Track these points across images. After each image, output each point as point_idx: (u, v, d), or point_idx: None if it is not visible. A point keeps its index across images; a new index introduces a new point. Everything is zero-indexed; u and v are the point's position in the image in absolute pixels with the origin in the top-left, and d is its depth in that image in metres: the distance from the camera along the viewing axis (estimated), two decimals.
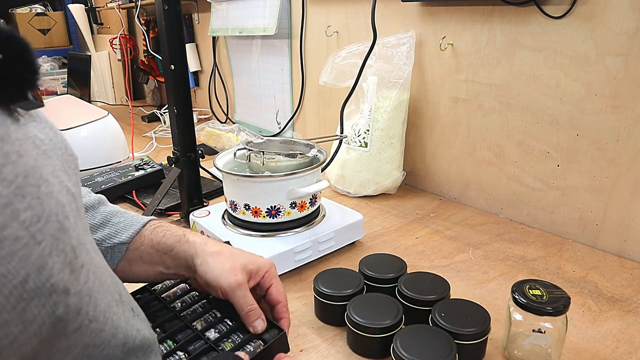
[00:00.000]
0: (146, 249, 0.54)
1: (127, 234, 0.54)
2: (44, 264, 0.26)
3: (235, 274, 0.51)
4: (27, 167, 0.27)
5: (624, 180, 0.75)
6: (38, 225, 0.26)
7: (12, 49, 0.27)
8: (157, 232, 0.55)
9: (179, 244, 0.54)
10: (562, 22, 0.77)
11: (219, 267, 0.51)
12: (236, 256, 0.53)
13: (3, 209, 0.24)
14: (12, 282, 0.24)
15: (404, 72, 0.98)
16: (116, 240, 0.54)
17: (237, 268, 0.51)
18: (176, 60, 0.84)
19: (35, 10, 2.68)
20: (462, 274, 0.73)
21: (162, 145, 1.51)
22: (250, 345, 0.52)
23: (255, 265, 0.53)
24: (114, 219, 0.56)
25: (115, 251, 0.54)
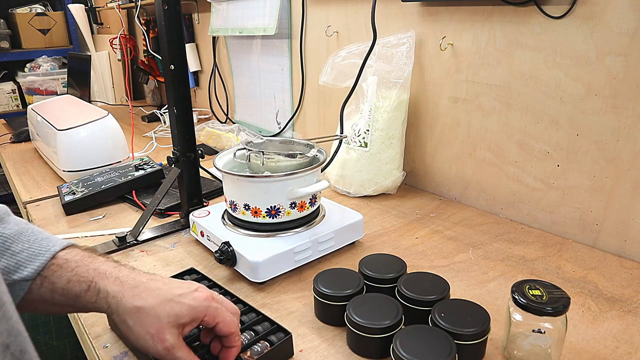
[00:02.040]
0: (47, 292, 0.46)
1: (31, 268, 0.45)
2: None
3: (162, 339, 0.44)
4: None
5: (624, 180, 0.75)
6: None
7: None
8: (61, 275, 0.46)
9: (87, 295, 0.46)
10: (562, 22, 0.77)
11: (142, 331, 0.44)
12: (162, 309, 0.45)
13: None
14: None
15: (404, 72, 0.98)
16: (16, 276, 0.45)
17: (164, 329, 0.44)
18: (176, 60, 0.84)
19: (35, 10, 2.68)
20: (462, 274, 0.73)
21: (162, 145, 1.51)
22: (258, 345, 0.53)
23: (189, 316, 0.46)
24: (14, 245, 0.46)
25: (16, 289, 0.45)
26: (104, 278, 0.46)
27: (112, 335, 0.61)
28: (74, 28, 2.72)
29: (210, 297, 0.48)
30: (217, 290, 0.65)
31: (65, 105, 1.44)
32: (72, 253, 0.49)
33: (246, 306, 0.60)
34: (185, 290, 0.48)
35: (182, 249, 0.83)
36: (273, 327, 0.56)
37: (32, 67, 2.67)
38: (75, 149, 1.17)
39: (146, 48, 1.87)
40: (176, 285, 0.48)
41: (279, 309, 0.66)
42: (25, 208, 1.09)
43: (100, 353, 0.58)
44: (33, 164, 1.38)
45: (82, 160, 1.17)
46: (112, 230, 0.91)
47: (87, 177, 1.12)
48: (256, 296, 0.69)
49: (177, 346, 0.45)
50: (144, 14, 2.14)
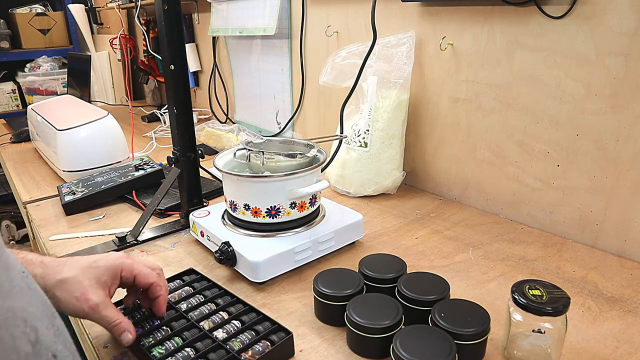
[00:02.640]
0: None
1: None
2: None
3: (87, 299, 0.48)
4: None
5: (624, 180, 0.75)
6: None
7: None
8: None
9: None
10: (562, 22, 0.77)
11: (68, 297, 0.48)
12: (82, 275, 0.50)
13: None
14: None
15: (404, 72, 0.98)
16: None
17: (87, 291, 0.49)
18: (176, 60, 0.84)
19: (35, 10, 2.68)
20: (462, 274, 0.73)
21: (162, 145, 1.51)
22: (259, 345, 0.53)
23: (107, 274, 0.51)
24: None
25: None
26: (30, 264, 0.50)
27: (112, 335, 0.61)
28: (74, 28, 2.72)
29: (124, 256, 0.54)
30: (217, 291, 0.64)
31: (65, 105, 1.44)
32: None
33: (246, 306, 0.60)
34: (99, 257, 0.53)
35: (182, 249, 0.83)
36: (274, 326, 0.56)
37: (32, 67, 2.67)
38: (75, 149, 1.17)
39: (146, 48, 1.87)
40: (92, 257, 0.53)
41: (279, 309, 0.66)
42: (25, 208, 1.09)
43: (100, 353, 0.58)
44: (33, 164, 1.38)
45: (82, 160, 1.17)
46: (112, 230, 0.91)
47: (87, 177, 1.12)
48: (256, 296, 0.69)
49: (102, 304, 0.49)
50: (144, 14, 2.14)
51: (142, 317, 0.58)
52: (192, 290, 0.65)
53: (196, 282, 0.67)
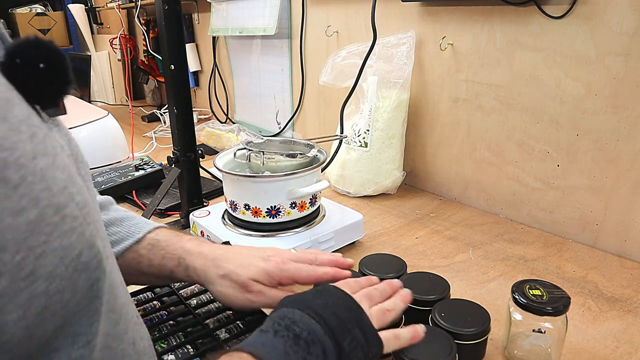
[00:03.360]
0: (145, 267, 0.53)
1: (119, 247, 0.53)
2: (94, 243, 0.29)
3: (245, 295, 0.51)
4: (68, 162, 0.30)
5: (624, 180, 0.75)
6: (86, 209, 0.29)
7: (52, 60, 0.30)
8: (155, 252, 0.54)
9: (178, 270, 0.53)
10: (562, 22, 0.77)
11: (230, 289, 0.51)
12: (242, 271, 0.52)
13: (62, 190, 0.27)
14: (71, 254, 0.27)
15: (404, 72, 0.98)
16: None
17: (246, 286, 0.51)
18: (176, 60, 0.84)
19: (35, 10, 2.68)
20: (462, 274, 0.73)
21: (162, 145, 1.51)
22: None
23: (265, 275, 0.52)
24: (110, 228, 0.55)
25: None
26: (189, 255, 0.53)
27: None
28: (74, 28, 2.72)
29: (281, 262, 0.53)
30: None
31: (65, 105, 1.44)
32: (161, 234, 0.56)
33: None
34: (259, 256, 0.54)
35: None
36: None
37: None
38: None
39: (146, 48, 1.87)
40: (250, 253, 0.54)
41: None
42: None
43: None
44: None
45: None
46: None
47: None
48: None
49: (263, 290, 0.51)
50: (144, 14, 2.14)
51: (151, 310, 0.58)
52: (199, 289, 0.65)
53: None
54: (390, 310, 0.48)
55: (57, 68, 0.30)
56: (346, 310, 0.43)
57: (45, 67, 0.29)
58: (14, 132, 0.25)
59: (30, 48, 0.29)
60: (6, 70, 0.28)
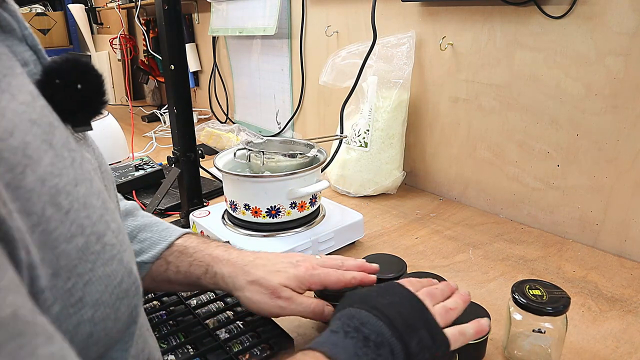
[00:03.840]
0: (173, 274, 0.53)
1: (151, 253, 0.53)
2: (131, 269, 0.29)
3: (278, 296, 0.50)
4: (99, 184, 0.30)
5: (624, 180, 0.75)
6: (121, 236, 0.29)
7: (89, 80, 0.30)
8: (183, 260, 0.54)
9: (206, 277, 0.53)
10: (562, 22, 0.77)
11: (260, 297, 0.50)
12: (272, 278, 0.51)
13: (100, 219, 0.27)
14: (114, 281, 0.27)
15: (404, 72, 0.98)
16: (139, 259, 0.53)
17: (276, 292, 0.50)
18: (176, 60, 0.84)
19: (35, 10, 2.68)
20: (462, 274, 0.73)
21: (162, 145, 1.51)
22: (258, 349, 0.53)
23: (294, 280, 0.52)
24: (140, 234, 0.55)
25: (140, 269, 0.53)
26: (218, 262, 0.53)
27: None
28: (74, 28, 2.72)
29: (311, 268, 0.53)
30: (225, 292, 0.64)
31: None
32: (189, 240, 0.56)
33: None
34: (288, 263, 0.54)
35: None
36: (276, 331, 0.56)
37: None
38: None
39: (146, 48, 1.87)
40: (279, 260, 0.54)
41: None
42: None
43: None
44: None
45: None
46: None
47: None
48: None
49: (293, 297, 0.50)
50: (144, 14, 2.14)
51: (151, 310, 0.58)
52: None
53: None
54: (453, 308, 0.47)
55: (94, 88, 0.30)
56: (412, 309, 0.43)
57: (82, 88, 0.29)
58: (59, 159, 0.26)
59: (68, 67, 0.29)
60: (44, 89, 0.28)
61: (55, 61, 0.29)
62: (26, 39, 0.30)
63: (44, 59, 0.31)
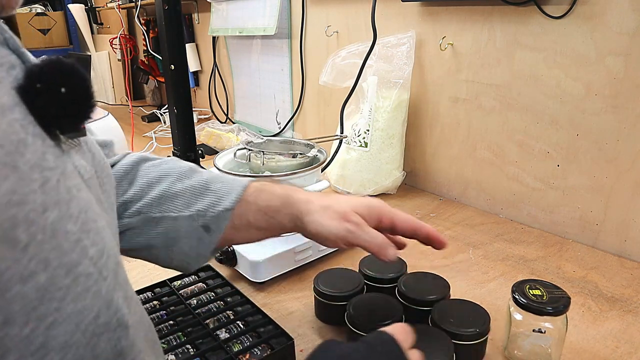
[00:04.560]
0: (252, 214, 0.52)
1: (230, 199, 0.52)
2: (111, 299, 0.27)
3: (348, 219, 0.49)
4: (85, 201, 0.28)
5: (624, 180, 0.75)
6: (102, 260, 0.27)
7: (74, 84, 0.27)
8: (262, 196, 0.53)
9: (286, 207, 0.52)
10: (562, 22, 0.77)
11: (328, 219, 0.50)
12: (344, 203, 0.51)
13: (74, 246, 0.25)
14: (87, 317, 0.25)
15: (404, 72, 0.98)
16: (220, 207, 0.52)
17: (349, 212, 0.50)
18: (176, 60, 0.84)
19: (35, 10, 2.68)
20: (462, 274, 0.73)
21: (162, 145, 1.51)
22: (258, 349, 0.53)
23: (366, 207, 0.51)
24: (212, 185, 0.54)
25: (221, 219, 0.52)
26: (296, 192, 0.53)
27: None
28: (74, 28, 2.72)
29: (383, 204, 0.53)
30: (228, 289, 0.64)
31: None
32: (264, 184, 0.56)
33: (254, 307, 0.60)
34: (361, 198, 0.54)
35: None
36: (277, 331, 0.56)
37: None
38: None
39: (146, 48, 1.87)
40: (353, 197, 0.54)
41: (279, 309, 0.66)
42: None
43: None
44: None
45: None
46: None
47: None
48: (256, 296, 0.69)
49: (362, 223, 0.49)
50: (144, 14, 2.14)
51: (151, 310, 0.58)
52: (205, 286, 0.66)
53: (210, 279, 0.67)
54: None
55: (79, 92, 0.28)
56: None
57: (66, 92, 0.27)
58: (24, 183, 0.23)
59: (51, 71, 0.27)
60: (25, 95, 0.26)
61: (37, 64, 0.27)
62: (7, 42, 0.28)
63: (28, 62, 0.29)
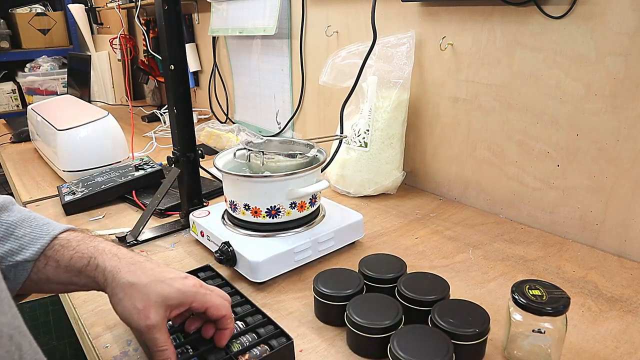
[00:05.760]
0: (52, 270, 0.49)
1: (32, 250, 0.48)
2: None
3: (147, 316, 0.46)
4: None
5: (624, 180, 0.75)
6: None
7: None
8: (64, 253, 0.49)
9: (88, 269, 0.49)
10: (562, 22, 0.77)
11: (130, 305, 0.46)
12: (153, 288, 0.47)
13: None
14: None
15: (404, 72, 0.98)
16: (19, 257, 0.48)
17: (151, 307, 0.46)
18: (176, 60, 0.84)
19: (35, 10, 2.68)
20: (462, 274, 0.73)
21: (162, 145, 1.51)
22: (257, 349, 0.53)
23: (177, 299, 0.48)
24: (17, 230, 0.50)
25: (20, 270, 0.48)
26: (103, 254, 0.49)
27: (112, 335, 0.61)
28: (74, 28, 2.72)
29: (199, 284, 0.50)
30: (228, 290, 0.64)
31: (65, 105, 1.44)
32: (74, 234, 0.52)
33: (253, 307, 0.60)
34: (176, 275, 0.50)
35: (182, 249, 0.83)
36: (276, 331, 0.56)
37: (32, 67, 2.67)
38: (75, 149, 1.17)
39: (146, 48, 1.87)
40: (168, 270, 0.50)
41: (279, 309, 0.66)
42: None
43: (100, 353, 0.58)
44: (33, 164, 1.38)
45: (82, 160, 1.17)
46: (112, 230, 0.91)
47: (87, 177, 1.12)
48: (256, 296, 0.69)
49: (158, 326, 0.46)
50: (144, 14, 2.14)
51: None
52: None
53: (210, 280, 0.67)
54: None
55: None
56: None
57: None
58: None
59: None
60: None
61: None
62: None
63: None
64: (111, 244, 0.52)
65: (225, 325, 0.51)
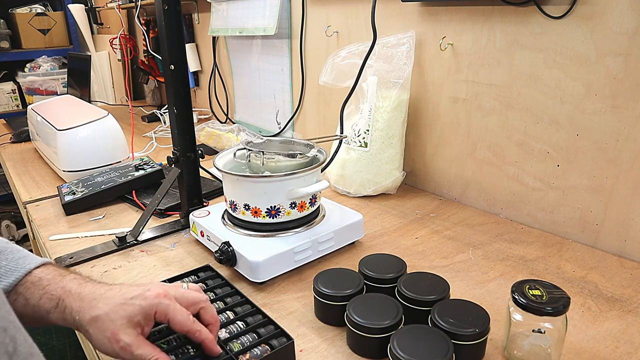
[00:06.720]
0: (21, 307, 0.49)
1: (6, 282, 0.49)
2: None
3: (117, 340, 0.46)
4: None
5: (624, 180, 0.75)
6: None
7: None
8: (34, 292, 0.49)
9: (57, 311, 0.49)
10: (562, 22, 0.77)
11: (101, 337, 0.47)
12: (115, 314, 0.47)
13: None
14: None
15: (404, 72, 0.98)
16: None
17: (118, 331, 0.47)
18: (176, 60, 0.84)
19: (35, 10, 2.68)
20: (461, 274, 0.73)
21: (162, 145, 1.51)
22: (258, 349, 0.53)
23: (140, 315, 0.48)
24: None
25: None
26: (69, 296, 0.49)
27: None
28: (74, 28, 2.72)
29: (162, 295, 0.50)
30: (228, 289, 0.64)
31: (65, 105, 1.44)
32: (46, 271, 0.52)
33: (254, 307, 0.60)
34: (138, 292, 0.50)
35: (182, 249, 0.83)
36: (276, 331, 0.56)
37: (32, 67, 2.67)
38: (75, 149, 1.17)
39: (146, 48, 1.87)
40: (130, 290, 0.50)
41: (279, 309, 0.66)
42: (25, 208, 1.09)
43: (100, 353, 0.58)
44: (33, 164, 1.38)
45: (82, 160, 1.17)
46: (112, 230, 0.91)
47: (87, 177, 1.12)
48: (256, 296, 0.69)
49: (134, 344, 0.47)
50: (144, 14, 2.14)
51: None
52: (204, 287, 0.66)
53: (210, 280, 0.67)
54: None
55: None
56: None
57: None
58: None
59: None
60: None
61: None
62: None
63: None
64: (78, 283, 0.51)
65: (195, 339, 0.51)
